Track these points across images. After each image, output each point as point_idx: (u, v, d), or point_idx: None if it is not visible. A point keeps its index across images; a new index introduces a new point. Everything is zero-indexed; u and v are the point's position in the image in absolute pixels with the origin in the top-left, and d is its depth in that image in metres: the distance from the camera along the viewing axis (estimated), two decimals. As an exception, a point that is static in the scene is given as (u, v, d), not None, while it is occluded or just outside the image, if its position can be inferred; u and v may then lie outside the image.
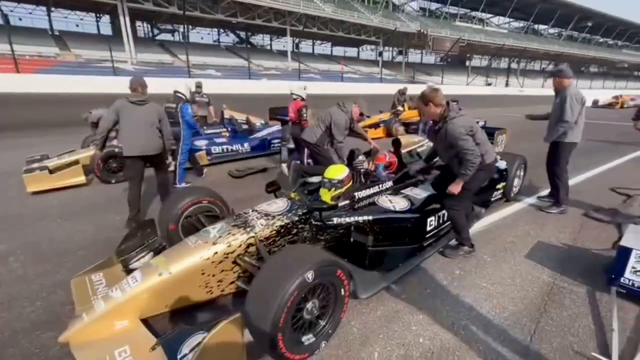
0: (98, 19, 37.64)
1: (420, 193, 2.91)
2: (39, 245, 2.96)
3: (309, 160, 4.48)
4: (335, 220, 2.37)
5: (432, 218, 2.74)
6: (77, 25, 37.78)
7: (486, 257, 2.71)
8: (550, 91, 3.94)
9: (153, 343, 1.61)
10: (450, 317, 2.01)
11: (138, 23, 38.80)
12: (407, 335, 1.86)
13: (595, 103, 24.39)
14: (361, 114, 3.92)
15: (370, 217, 2.45)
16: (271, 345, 1.47)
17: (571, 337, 1.86)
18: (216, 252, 1.97)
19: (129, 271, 2.18)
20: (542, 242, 2.98)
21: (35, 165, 4.64)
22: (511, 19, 54.39)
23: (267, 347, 1.48)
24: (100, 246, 2.90)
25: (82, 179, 4.59)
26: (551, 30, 58.78)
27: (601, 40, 63.96)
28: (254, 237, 2.12)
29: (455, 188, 2.53)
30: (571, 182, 4.89)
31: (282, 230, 2.26)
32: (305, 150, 4.34)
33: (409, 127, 9.53)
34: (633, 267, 2.09)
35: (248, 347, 1.58)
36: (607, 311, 2.04)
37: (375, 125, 9.34)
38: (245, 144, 6.41)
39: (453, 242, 2.81)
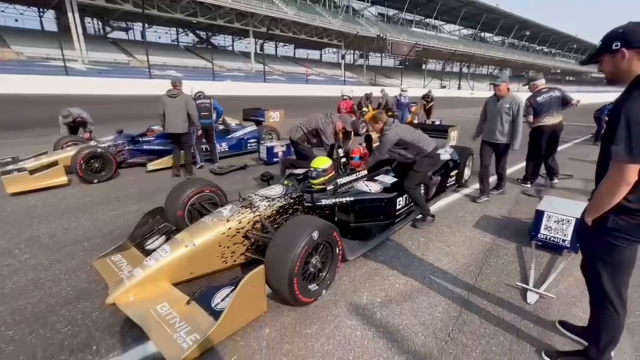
0: (41, 14, 34.81)
1: (389, 179, 3.49)
2: (40, 240, 3.11)
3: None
4: (324, 201, 2.87)
5: (401, 199, 3.33)
6: (17, 21, 34.70)
7: (444, 228, 3.36)
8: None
9: (187, 300, 1.98)
10: (418, 269, 2.59)
11: (87, 20, 36.45)
12: (387, 283, 2.40)
13: (533, 105, 27.24)
14: (344, 129, 4.53)
15: (352, 199, 2.98)
16: (290, 287, 1.92)
17: (504, 276, 2.52)
18: (230, 228, 2.37)
19: (146, 252, 2.51)
20: (486, 216, 3.71)
21: (11, 167, 4.62)
22: (461, 27, 58.70)
23: (287, 289, 1.93)
24: (107, 237, 3.13)
25: (64, 179, 4.63)
26: (496, 39, 64.30)
27: (538, 48, 71.13)
28: (259, 215, 2.55)
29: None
30: (513, 169, 5.84)
31: (281, 210, 2.70)
32: None
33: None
34: (546, 225, 2.81)
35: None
36: (529, 258, 2.75)
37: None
38: (224, 144, 6.68)
39: (419, 216, 3.47)
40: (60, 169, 4.66)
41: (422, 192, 3.69)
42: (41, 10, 34.44)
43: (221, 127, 7.02)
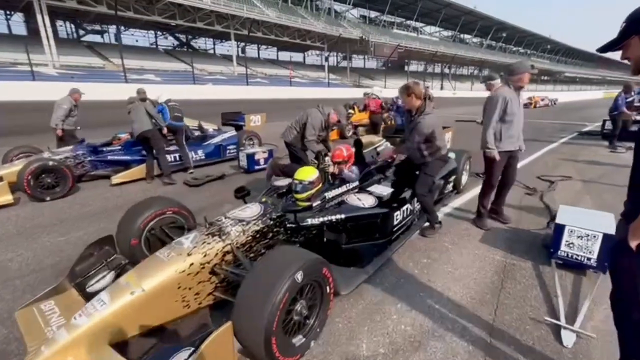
0: (8, 17, 32.93)
1: (384, 190, 3.06)
2: (-38, 278, 2.51)
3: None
4: (310, 221, 2.41)
5: (398, 212, 2.90)
6: (-20, 24, 32.70)
7: (447, 245, 2.95)
8: (479, 93, 4.37)
9: (130, 369, 1.48)
10: (425, 302, 2.16)
11: (59, 22, 34.78)
12: (390, 324, 1.96)
13: (514, 103, 27.76)
14: (338, 121, 4.06)
15: (343, 216, 2.53)
16: (266, 348, 1.44)
17: (527, 306, 2.11)
18: (192, 264, 1.87)
19: (87, 295, 1.98)
20: (491, 227, 3.32)
21: (-55, 185, 3.95)
22: (441, 29, 59.55)
23: (262, 352, 1.45)
24: (47, 272, 2.58)
25: (9, 198, 3.99)
26: (474, 40, 65.60)
27: (514, 49, 73.06)
28: (230, 244, 2.06)
29: (394, 152, 3.28)
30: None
31: (258, 236, 2.22)
32: None
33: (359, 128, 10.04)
34: (567, 241, 2.44)
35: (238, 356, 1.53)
36: (550, 279, 2.37)
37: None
38: (199, 151, 6.12)
39: (427, 224, 3.20)
40: (4, 185, 4.02)
41: None
42: (7, 12, 32.57)
43: (197, 133, 6.45)
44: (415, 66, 62.94)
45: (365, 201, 2.76)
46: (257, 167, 5.60)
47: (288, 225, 2.41)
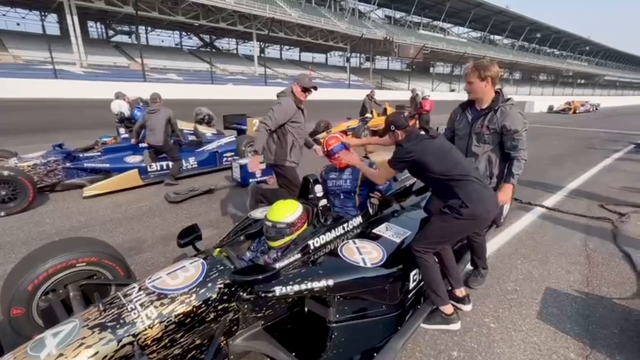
0: (43, 17, 34.36)
1: (397, 233, 2.18)
2: None
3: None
4: (278, 290, 1.56)
5: (416, 271, 2.01)
6: (18, 24, 34.27)
7: (488, 321, 2.00)
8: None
9: None
10: None
11: (90, 23, 36.00)
12: None
13: (550, 109, 25.73)
14: (305, 89, 2.95)
15: (331, 282, 1.66)
16: None
17: None
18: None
19: None
20: (552, 290, 2.33)
21: None
22: (469, 29, 57.07)
23: None
24: None
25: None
26: (505, 41, 62.38)
27: (549, 50, 68.95)
28: (132, 342, 1.25)
29: (505, 195, 2.12)
30: (556, 198, 4.46)
31: (188, 321, 1.40)
32: None
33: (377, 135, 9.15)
34: None
35: None
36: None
37: (344, 133, 8.71)
38: (191, 159, 5.41)
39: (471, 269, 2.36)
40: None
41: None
42: (42, 13, 33.98)
43: (191, 137, 5.77)
44: (441, 68, 60.70)
45: (367, 255, 1.88)
46: (252, 181, 4.81)
47: (245, 297, 1.58)
